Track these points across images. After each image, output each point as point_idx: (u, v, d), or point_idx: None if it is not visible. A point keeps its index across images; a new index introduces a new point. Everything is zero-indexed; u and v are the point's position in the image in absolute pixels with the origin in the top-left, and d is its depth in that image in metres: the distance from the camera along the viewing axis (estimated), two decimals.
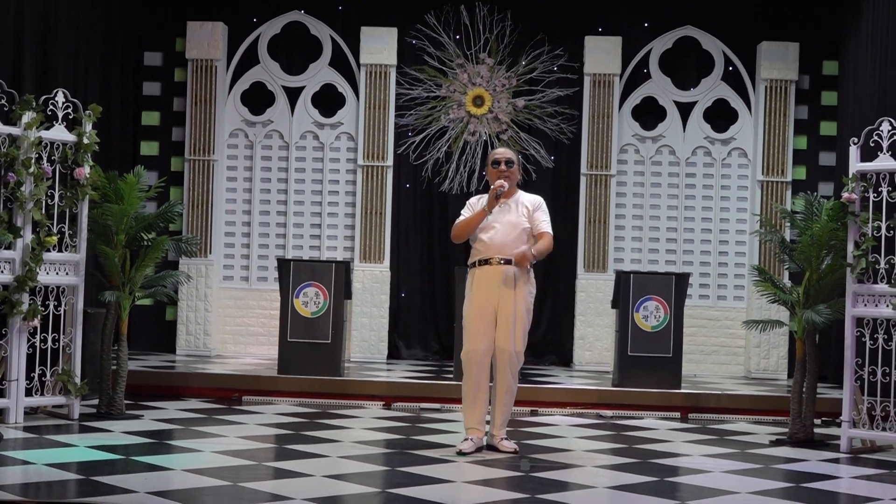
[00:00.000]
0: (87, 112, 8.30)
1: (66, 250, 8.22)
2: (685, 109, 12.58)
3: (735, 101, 12.48)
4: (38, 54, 9.92)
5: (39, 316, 7.98)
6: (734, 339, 12.27)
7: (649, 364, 10.12)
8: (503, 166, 7.32)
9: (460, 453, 7.14)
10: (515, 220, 7.29)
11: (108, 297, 8.33)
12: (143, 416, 8.49)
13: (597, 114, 12.35)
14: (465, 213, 7.40)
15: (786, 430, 8.60)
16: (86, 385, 8.28)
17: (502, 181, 7.23)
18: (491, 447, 7.35)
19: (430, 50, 12.57)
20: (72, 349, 8.27)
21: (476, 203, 7.40)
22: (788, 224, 8.99)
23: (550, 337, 12.62)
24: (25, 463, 6.42)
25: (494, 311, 7.23)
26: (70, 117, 8.26)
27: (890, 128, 7.96)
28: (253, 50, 12.63)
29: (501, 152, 7.43)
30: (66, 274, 8.24)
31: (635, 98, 12.57)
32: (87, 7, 10.94)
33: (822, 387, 9.64)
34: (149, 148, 12.65)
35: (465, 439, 7.28)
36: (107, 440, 7.30)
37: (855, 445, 8.04)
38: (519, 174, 7.47)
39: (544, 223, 7.35)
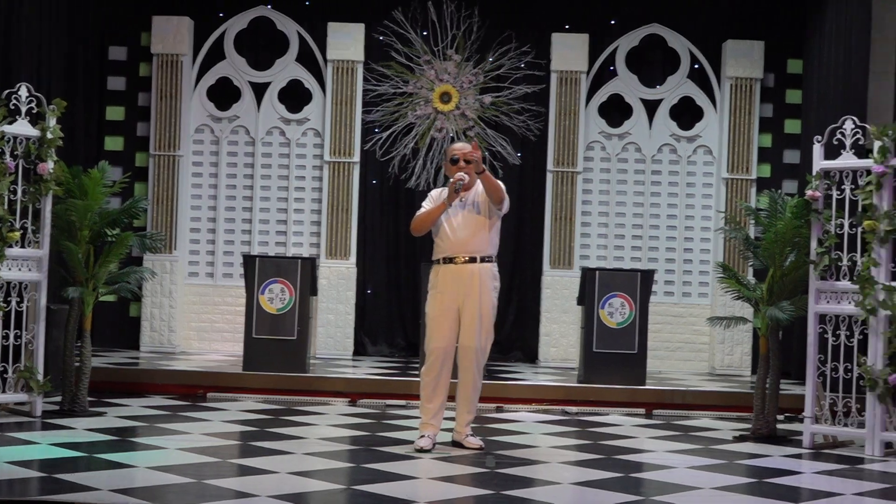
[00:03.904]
0: (51, 107, 8.25)
1: (28, 246, 8.16)
2: (651, 107, 12.62)
3: (701, 99, 12.54)
4: (1, 48, 9.87)
5: (2, 312, 7.93)
6: (699, 336, 12.33)
7: (614, 361, 10.15)
8: (462, 163, 7.24)
9: (421, 450, 7.13)
10: (477, 213, 7.27)
11: (72, 293, 8.31)
12: (106, 413, 8.44)
13: (563, 111, 12.37)
14: (427, 206, 7.37)
15: (749, 426, 8.64)
16: (48, 382, 8.22)
17: (462, 174, 7.16)
18: (456, 444, 7.36)
19: (398, 46, 12.55)
20: (34, 346, 8.20)
21: (438, 195, 7.38)
22: (753, 221, 9.04)
23: (516, 333, 12.64)
24: None
25: (458, 308, 7.23)
26: (33, 112, 8.20)
27: (853, 126, 8.00)
28: (219, 45, 12.57)
29: (459, 147, 7.35)
30: (29, 270, 8.17)
31: (602, 95, 12.60)
32: (51, 1, 10.85)
33: (785, 383, 9.73)
34: (113, 143, 12.58)
35: (422, 436, 7.24)
36: (70, 437, 7.25)
37: (817, 441, 8.09)
38: (481, 164, 7.27)
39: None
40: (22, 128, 8.09)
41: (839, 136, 8.07)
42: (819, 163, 8.10)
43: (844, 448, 8.02)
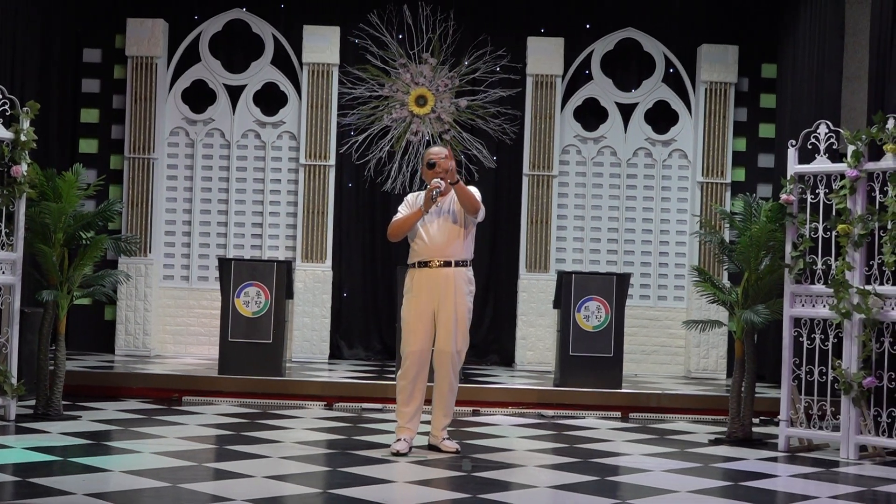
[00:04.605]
0: (25, 109, 8.20)
1: (2, 249, 8.11)
2: (626, 111, 12.65)
3: (675, 103, 12.58)
4: None
5: None
6: (674, 339, 12.37)
7: (590, 364, 10.17)
8: (438, 168, 7.23)
9: (397, 454, 7.12)
10: (453, 219, 7.27)
11: (46, 296, 8.26)
12: (81, 416, 8.40)
13: (539, 114, 12.39)
14: (403, 211, 7.37)
15: (725, 429, 8.67)
16: (22, 385, 8.17)
17: (439, 181, 7.16)
18: (433, 447, 7.36)
19: (373, 49, 12.55)
20: (8, 349, 8.13)
21: (413, 200, 7.37)
22: (728, 225, 9.07)
23: (492, 337, 12.64)
24: None
25: (434, 312, 7.23)
26: (7, 114, 8.16)
27: (827, 130, 8.03)
28: (194, 47, 12.53)
29: (436, 152, 7.33)
30: (3, 273, 8.11)
31: (577, 99, 12.62)
32: (25, 2, 10.81)
33: (760, 386, 9.74)
34: (88, 146, 12.53)
35: (399, 439, 7.24)
36: (44, 441, 7.21)
37: (792, 444, 8.12)
38: (454, 174, 7.30)
39: (472, 190, 7.30)
40: None
41: (813, 140, 8.10)
42: (793, 167, 8.14)
43: (819, 451, 8.05)
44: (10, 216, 8.15)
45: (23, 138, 8.13)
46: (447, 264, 7.23)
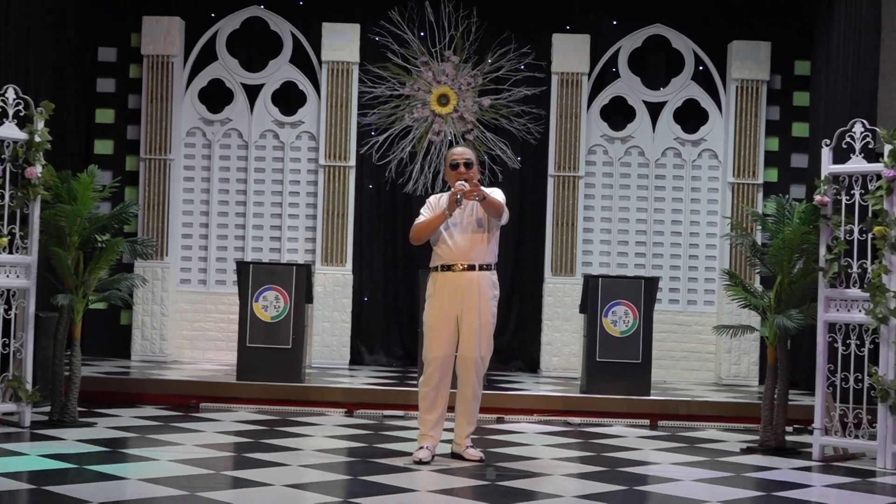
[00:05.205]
0: (39, 109, 8.22)
1: (16, 252, 8.13)
2: (655, 109, 12.53)
3: (705, 102, 12.46)
4: None
5: None
6: (704, 345, 12.25)
7: (618, 370, 10.11)
8: (462, 168, 7.23)
9: (419, 462, 7.10)
10: (477, 222, 7.25)
11: (61, 300, 8.30)
12: (96, 423, 8.41)
13: (564, 114, 12.29)
14: (425, 214, 7.34)
15: (757, 437, 8.63)
16: (37, 392, 8.20)
17: (463, 183, 7.13)
18: (456, 455, 7.35)
19: (394, 47, 12.48)
20: (23, 354, 8.17)
21: (436, 202, 7.34)
22: (760, 227, 9.02)
23: (517, 342, 12.57)
24: None
25: (457, 317, 7.21)
26: (21, 114, 8.18)
27: (862, 129, 7.97)
28: (211, 46, 12.50)
29: (459, 152, 7.34)
30: (17, 277, 8.14)
31: (604, 98, 12.51)
32: (39, 1, 10.82)
33: (793, 393, 9.68)
34: (103, 146, 12.52)
35: (421, 447, 7.23)
36: (59, 449, 7.23)
37: (827, 453, 8.06)
38: (478, 173, 7.36)
39: (496, 192, 7.28)
40: (9, 131, 8.07)
41: (848, 139, 8.06)
42: (827, 167, 8.08)
43: (855, 460, 7.99)
44: (25, 219, 8.18)
45: (37, 139, 8.15)
46: (471, 268, 7.21)
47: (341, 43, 12.28)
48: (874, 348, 7.79)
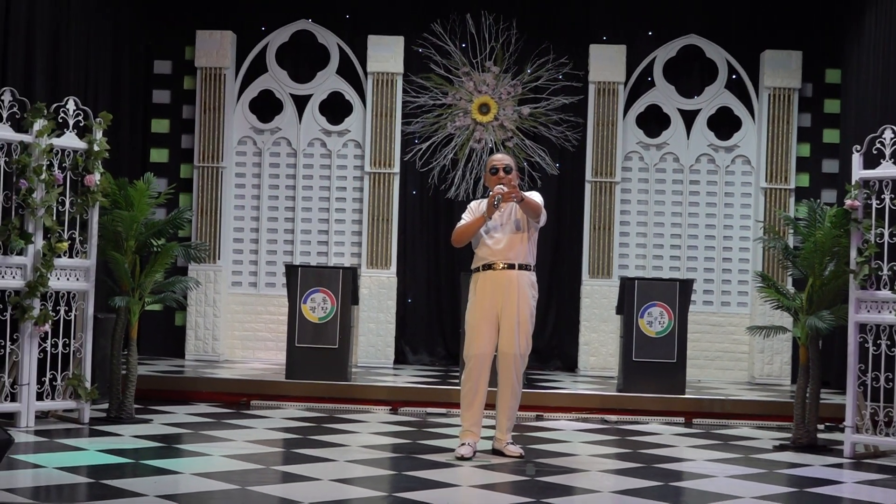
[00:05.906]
0: (98, 120, 8.35)
1: (76, 256, 8.27)
2: (689, 117, 12.61)
3: (738, 109, 12.52)
4: (50, 63, 9.96)
5: (50, 321, 8.02)
6: (738, 345, 12.30)
7: (654, 369, 10.15)
8: (501, 173, 7.33)
9: (461, 458, 7.15)
10: (515, 224, 7.33)
11: (118, 302, 8.39)
12: (152, 420, 8.52)
13: (601, 121, 12.39)
14: (466, 218, 7.42)
15: (789, 435, 8.61)
16: (96, 389, 8.33)
17: (501, 186, 7.22)
18: (497, 451, 7.39)
19: (437, 58, 12.61)
20: (82, 354, 8.30)
21: (476, 207, 7.43)
22: (792, 231, 9.03)
23: (555, 342, 12.64)
24: (36, 466, 6.46)
25: (497, 315, 7.26)
26: (81, 125, 8.30)
27: (892, 135, 7.98)
28: (261, 58, 12.68)
29: (499, 158, 7.45)
30: (77, 279, 8.28)
31: (640, 106, 12.60)
32: (97, 16, 10.99)
33: (825, 392, 9.64)
34: (158, 155, 12.72)
35: (463, 444, 7.27)
36: (116, 444, 7.33)
37: (858, 451, 8.05)
38: (517, 178, 7.47)
39: (533, 195, 7.38)
40: (69, 140, 8.20)
41: (878, 145, 8.06)
42: (858, 172, 8.09)
43: (886, 458, 7.97)
44: (84, 224, 8.29)
45: (95, 148, 8.28)
46: (511, 267, 7.26)
47: (386, 55, 12.43)
48: None
